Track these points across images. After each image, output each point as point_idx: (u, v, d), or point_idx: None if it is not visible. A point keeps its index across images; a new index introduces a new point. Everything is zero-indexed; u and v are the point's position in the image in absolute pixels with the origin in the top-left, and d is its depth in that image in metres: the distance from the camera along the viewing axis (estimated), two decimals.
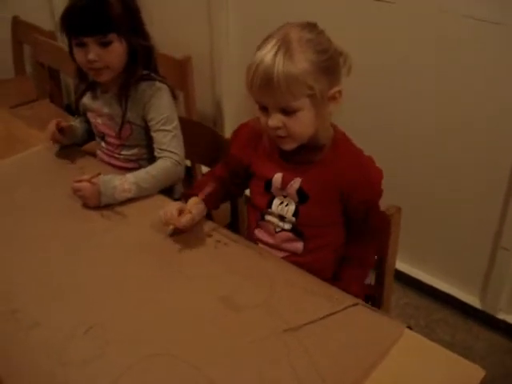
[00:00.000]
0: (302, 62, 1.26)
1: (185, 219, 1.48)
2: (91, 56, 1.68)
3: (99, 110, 1.87)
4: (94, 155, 1.99)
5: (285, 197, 1.47)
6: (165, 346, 1.19)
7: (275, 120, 1.32)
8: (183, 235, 1.51)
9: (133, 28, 1.73)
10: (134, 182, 1.68)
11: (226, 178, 1.63)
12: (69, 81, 3.47)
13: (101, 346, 1.19)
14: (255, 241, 1.56)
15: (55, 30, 3.19)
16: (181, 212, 1.49)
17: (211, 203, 1.61)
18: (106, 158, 1.95)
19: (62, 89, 3.34)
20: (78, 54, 1.73)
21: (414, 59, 2.12)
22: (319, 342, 1.19)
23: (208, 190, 1.57)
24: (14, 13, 3.43)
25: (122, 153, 1.91)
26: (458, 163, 2.17)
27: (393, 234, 1.56)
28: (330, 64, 1.31)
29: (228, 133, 2.82)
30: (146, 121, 1.82)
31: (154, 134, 1.80)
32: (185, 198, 1.61)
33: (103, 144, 1.95)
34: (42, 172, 1.85)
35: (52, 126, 1.86)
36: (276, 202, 1.48)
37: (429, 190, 2.28)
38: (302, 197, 1.43)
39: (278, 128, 1.33)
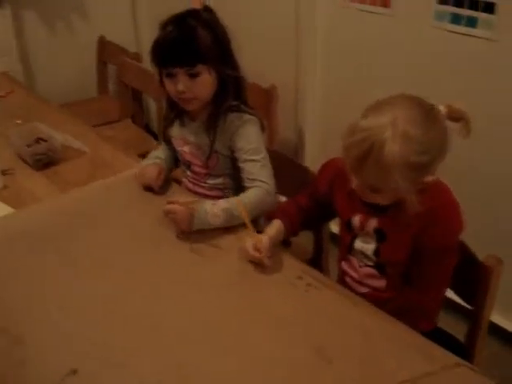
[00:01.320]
0: (396, 157, 1.21)
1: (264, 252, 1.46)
2: (180, 87, 1.68)
3: (186, 138, 1.87)
4: (179, 182, 1.98)
5: (365, 235, 1.47)
6: None
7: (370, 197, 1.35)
8: (273, 275, 1.48)
9: (222, 58, 1.71)
10: (225, 208, 1.65)
11: (308, 208, 1.64)
12: (150, 102, 3.51)
13: None
14: (342, 273, 1.57)
15: (140, 52, 3.26)
16: (256, 248, 1.47)
17: (291, 229, 1.60)
18: (191, 186, 1.95)
19: (144, 109, 3.39)
20: (168, 84, 1.73)
21: None
22: None
23: (290, 215, 1.60)
24: (99, 33, 3.51)
25: (208, 181, 1.89)
26: None
27: (491, 288, 1.47)
28: (428, 162, 1.26)
29: (308, 162, 2.80)
30: (232, 151, 1.80)
31: (242, 165, 1.77)
32: (267, 219, 1.61)
33: (189, 172, 1.94)
34: (129, 198, 1.85)
35: (152, 175, 1.84)
36: (358, 240, 1.49)
37: None
38: (380, 236, 1.43)
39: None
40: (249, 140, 1.75)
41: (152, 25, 3.56)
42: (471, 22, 2.03)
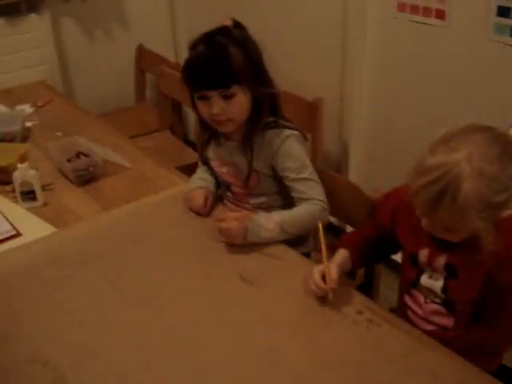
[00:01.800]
0: (472, 198, 1.11)
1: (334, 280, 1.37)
2: (215, 110, 1.61)
3: (223, 158, 1.80)
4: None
5: (433, 271, 1.36)
6: None
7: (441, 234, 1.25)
8: (332, 309, 1.38)
9: (256, 76, 1.63)
10: (279, 221, 1.60)
11: (374, 240, 1.54)
12: (189, 112, 3.44)
13: None
14: (404, 306, 1.47)
15: (179, 62, 3.19)
16: (323, 274, 1.38)
17: (358, 261, 1.51)
18: (234, 207, 1.87)
19: (183, 120, 3.33)
20: (201, 106, 1.66)
21: None
22: None
23: (357, 246, 1.51)
24: (138, 41, 3.46)
25: (250, 201, 1.82)
26: None
27: None
28: (507, 199, 1.16)
29: (353, 176, 2.70)
30: (274, 169, 1.72)
31: (291, 184, 1.70)
32: (332, 248, 1.51)
33: (229, 193, 1.87)
34: (173, 219, 1.78)
35: (200, 201, 1.77)
36: (425, 276, 1.39)
37: None
38: (450, 272, 1.33)
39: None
40: (293, 158, 1.68)
41: (190, 34, 3.54)
42: None
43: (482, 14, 2.02)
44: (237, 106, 1.62)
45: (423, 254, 1.36)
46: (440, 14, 2.17)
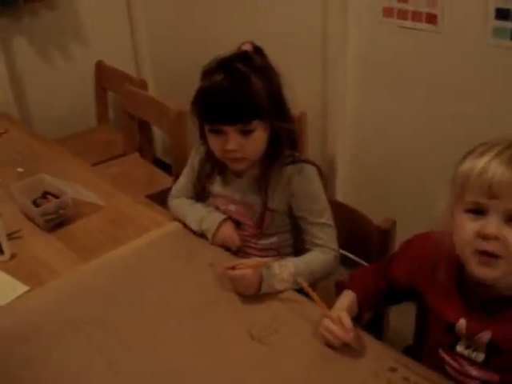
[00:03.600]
0: None
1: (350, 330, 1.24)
2: (231, 146, 1.45)
3: (232, 197, 1.62)
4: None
5: (473, 344, 1.19)
6: None
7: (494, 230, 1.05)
8: (359, 367, 1.22)
9: (277, 110, 1.47)
10: (293, 272, 1.45)
11: (384, 291, 1.39)
12: (157, 132, 3.23)
13: None
14: (439, 359, 1.26)
15: (145, 79, 3.00)
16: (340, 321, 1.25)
17: (365, 306, 1.39)
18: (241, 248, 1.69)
19: (153, 142, 3.11)
20: (213, 140, 1.49)
21: None
22: None
23: (367, 292, 1.39)
24: (96, 58, 3.23)
25: (260, 242, 1.65)
26: None
27: None
28: None
29: (340, 195, 2.53)
30: (290, 207, 1.58)
31: (307, 227, 1.57)
32: (338, 286, 1.43)
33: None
34: (165, 266, 1.57)
35: (236, 240, 1.61)
36: (461, 345, 1.21)
37: None
38: (493, 350, 1.16)
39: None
40: (314, 199, 1.54)
41: (152, 47, 3.33)
42: None
43: (479, 17, 1.88)
44: (255, 142, 1.46)
45: (461, 325, 1.19)
46: (431, 19, 2.01)
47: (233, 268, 1.41)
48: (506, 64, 1.87)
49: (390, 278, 1.36)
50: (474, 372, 1.21)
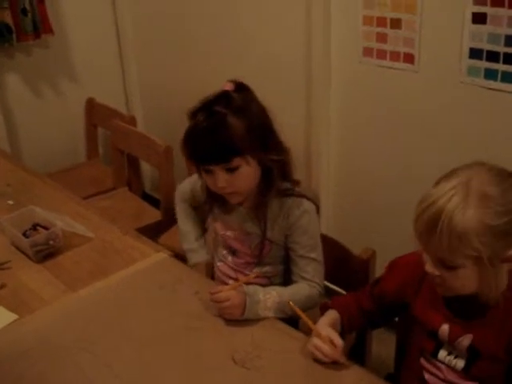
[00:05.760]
0: (471, 221, 1.06)
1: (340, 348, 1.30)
2: (220, 183, 1.51)
3: (230, 222, 1.68)
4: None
5: (453, 349, 1.26)
6: None
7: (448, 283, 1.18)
8: None
9: (261, 145, 1.52)
10: (277, 301, 1.50)
11: (371, 311, 1.46)
12: (145, 166, 3.29)
13: None
14: (419, 369, 1.34)
15: (135, 115, 3.07)
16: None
17: (348, 327, 1.45)
18: (232, 273, 1.75)
19: (142, 177, 3.17)
20: (207, 179, 1.56)
21: None
22: None
23: (350, 313, 1.45)
24: (87, 95, 3.30)
25: (254, 270, 1.70)
26: None
27: None
28: (510, 228, 1.09)
29: (323, 227, 2.58)
30: (286, 239, 1.63)
31: (296, 259, 1.62)
32: (323, 309, 1.48)
33: (230, 258, 1.75)
34: (150, 296, 1.62)
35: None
36: (443, 352, 1.28)
37: None
38: (473, 355, 1.23)
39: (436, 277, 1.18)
40: (308, 235, 1.60)
41: (142, 84, 3.41)
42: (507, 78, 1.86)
43: (454, 56, 1.97)
44: (242, 178, 1.52)
45: (443, 331, 1.26)
46: (409, 58, 2.10)
47: (216, 293, 1.46)
48: (479, 101, 1.96)
49: (380, 294, 1.42)
50: (454, 380, 1.27)
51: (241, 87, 1.55)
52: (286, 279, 1.70)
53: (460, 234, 1.06)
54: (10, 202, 2.20)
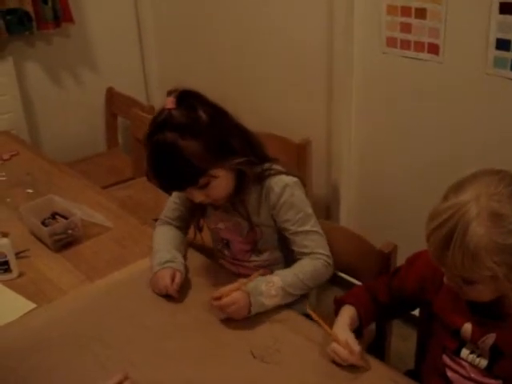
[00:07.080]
0: (483, 241, 1.04)
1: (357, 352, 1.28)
2: (197, 200, 1.52)
3: (220, 216, 1.66)
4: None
5: (476, 348, 1.24)
6: None
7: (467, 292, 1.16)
8: None
9: (223, 154, 1.47)
10: (281, 286, 1.47)
11: (387, 305, 1.44)
12: None
13: None
14: (441, 365, 1.31)
15: (154, 105, 3.05)
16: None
17: (365, 321, 1.42)
18: (233, 268, 1.72)
19: None
20: (185, 194, 1.58)
21: None
22: None
23: (365, 307, 1.41)
24: (107, 84, 3.30)
25: (252, 259, 1.68)
26: None
27: None
28: None
29: (343, 221, 2.56)
30: (276, 221, 1.60)
31: (292, 237, 1.58)
32: (337, 303, 1.45)
33: (227, 252, 1.73)
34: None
35: (166, 281, 1.53)
36: (466, 350, 1.26)
37: None
38: (496, 354, 1.21)
39: None
40: (295, 209, 1.55)
41: (162, 74, 3.40)
42: None
43: (480, 47, 1.92)
44: (216, 189, 1.50)
45: (466, 330, 1.24)
46: (433, 49, 2.06)
47: (220, 297, 1.42)
48: (505, 93, 1.91)
49: (398, 286, 1.40)
50: (477, 378, 1.24)
51: (182, 98, 1.47)
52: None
53: (473, 254, 1.04)
54: (30, 191, 2.20)
